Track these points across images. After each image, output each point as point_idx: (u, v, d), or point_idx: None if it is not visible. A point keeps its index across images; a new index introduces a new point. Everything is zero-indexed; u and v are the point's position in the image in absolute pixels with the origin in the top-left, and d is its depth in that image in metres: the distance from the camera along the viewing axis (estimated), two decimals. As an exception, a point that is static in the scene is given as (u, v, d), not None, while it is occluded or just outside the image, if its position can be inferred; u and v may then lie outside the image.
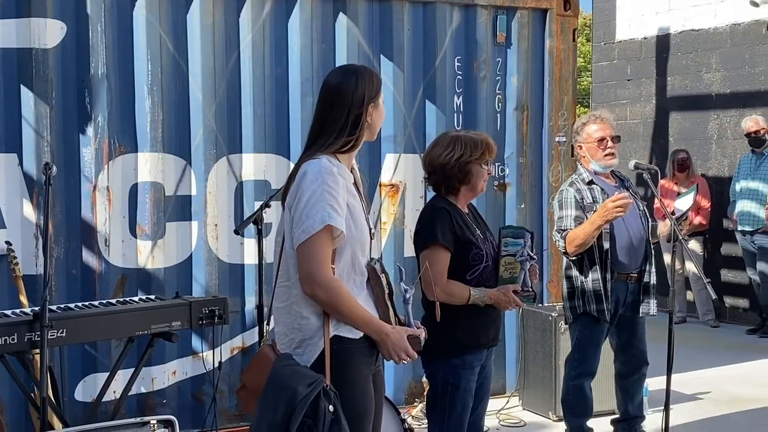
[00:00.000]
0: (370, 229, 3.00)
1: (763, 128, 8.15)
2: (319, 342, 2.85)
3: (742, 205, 8.35)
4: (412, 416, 5.61)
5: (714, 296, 4.34)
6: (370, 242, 3.00)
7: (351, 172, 3.03)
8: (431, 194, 3.83)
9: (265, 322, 3.20)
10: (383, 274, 2.98)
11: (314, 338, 2.86)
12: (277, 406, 2.72)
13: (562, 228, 4.79)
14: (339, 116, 2.93)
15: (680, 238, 4.38)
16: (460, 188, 3.60)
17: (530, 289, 3.60)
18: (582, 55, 22.03)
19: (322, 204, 2.80)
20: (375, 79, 3.01)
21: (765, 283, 8.30)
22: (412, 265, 4.45)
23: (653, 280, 4.87)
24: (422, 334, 2.96)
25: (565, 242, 4.73)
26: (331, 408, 2.74)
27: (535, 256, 3.61)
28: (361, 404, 2.91)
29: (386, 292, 2.96)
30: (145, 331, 3.94)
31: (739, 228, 8.40)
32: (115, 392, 5.01)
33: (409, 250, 5.66)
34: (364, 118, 2.94)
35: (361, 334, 2.89)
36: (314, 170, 2.85)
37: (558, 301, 6.03)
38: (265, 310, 4.42)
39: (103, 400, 4.51)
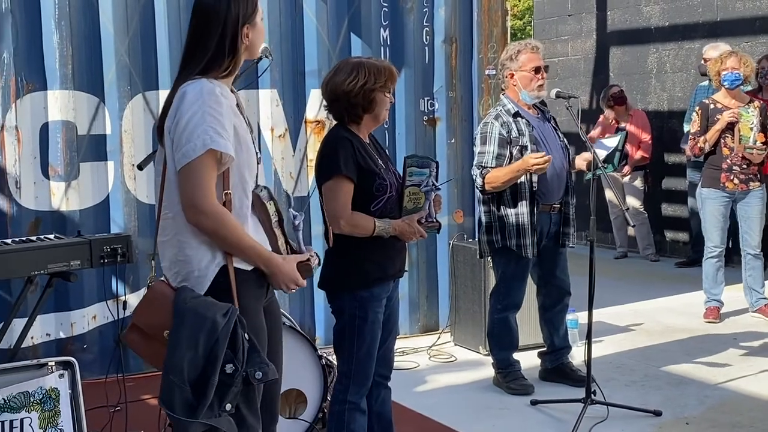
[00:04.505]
0: (257, 154, 2.85)
1: None
2: (207, 274, 2.70)
3: None
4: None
5: (632, 223, 4.32)
6: (257, 167, 2.86)
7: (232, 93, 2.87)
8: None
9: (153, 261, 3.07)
10: (270, 202, 2.85)
11: (203, 270, 2.70)
12: (196, 340, 2.57)
13: (482, 164, 4.72)
14: (213, 39, 2.75)
15: (600, 166, 4.32)
16: (363, 117, 3.48)
17: (434, 220, 3.52)
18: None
19: (203, 126, 2.61)
20: None
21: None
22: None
23: (572, 212, 4.85)
24: (314, 261, 2.86)
25: (483, 180, 4.68)
26: (246, 336, 2.63)
27: (440, 187, 3.52)
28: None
29: (275, 219, 2.84)
30: (42, 271, 3.75)
31: (693, 160, 8.29)
32: (32, 338, 4.91)
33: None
34: (240, 40, 2.77)
35: (252, 267, 2.76)
36: (195, 90, 2.66)
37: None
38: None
39: (22, 346, 4.37)
